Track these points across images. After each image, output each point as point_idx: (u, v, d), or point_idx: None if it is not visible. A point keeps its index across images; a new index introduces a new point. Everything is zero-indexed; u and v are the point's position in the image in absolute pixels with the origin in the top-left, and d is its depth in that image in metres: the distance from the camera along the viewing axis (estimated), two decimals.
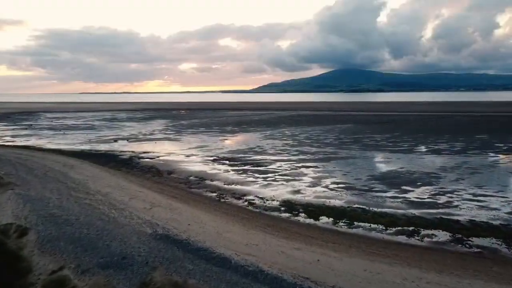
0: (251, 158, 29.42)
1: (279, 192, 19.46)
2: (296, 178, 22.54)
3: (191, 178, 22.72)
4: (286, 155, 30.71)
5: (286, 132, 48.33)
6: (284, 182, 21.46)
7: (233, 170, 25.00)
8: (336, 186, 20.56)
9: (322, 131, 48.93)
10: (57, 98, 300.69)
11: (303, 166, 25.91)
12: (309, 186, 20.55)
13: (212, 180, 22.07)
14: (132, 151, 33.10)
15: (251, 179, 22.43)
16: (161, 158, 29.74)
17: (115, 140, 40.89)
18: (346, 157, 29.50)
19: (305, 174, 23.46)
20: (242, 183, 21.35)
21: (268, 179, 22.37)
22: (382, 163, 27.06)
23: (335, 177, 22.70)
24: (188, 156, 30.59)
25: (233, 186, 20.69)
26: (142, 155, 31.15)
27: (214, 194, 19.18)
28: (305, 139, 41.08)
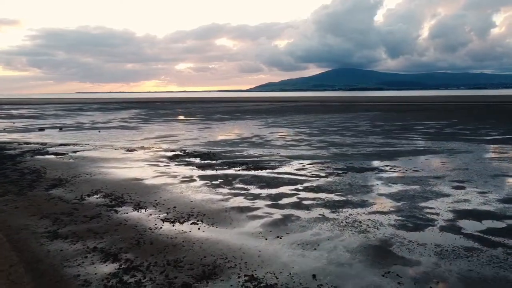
0: (244, 153, 15.96)
1: (328, 257, 5.94)
2: (355, 198, 9.07)
3: (92, 198, 9.17)
4: (306, 148, 17.25)
5: (296, 119, 34.82)
6: (330, 213, 7.98)
7: (202, 176, 11.49)
8: (482, 227, 7.13)
9: (345, 118, 35.46)
10: (50, 97, 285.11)
11: (352, 169, 12.45)
12: (414, 229, 7.09)
13: (138, 207, 8.52)
14: (44, 143, 19.61)
15: (239, 201, 8.94)
16: (78, 153, 16.20)
17: (41, 129, 27.42)
18: (418, 151, 16.08)
19: (371, 188, 10.01)
20: (214, 217, 7.83)
21: (282, 202, 8.89)
22: (506, 161, 13.61)
23: (448, 194, 9.24)
24: (130, 150, 17.03)
25: (186, 231, 7.14)
26: (53, 148, 17.64)
27: (106, 270, 5.59)
28: (326, 126, 27.57)
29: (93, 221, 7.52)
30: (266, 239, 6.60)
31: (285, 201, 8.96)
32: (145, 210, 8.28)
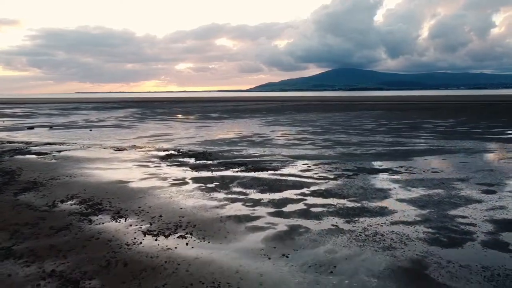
0: (243, 153, 14.67)
1: (349, 285, 4.65)
2: (371, 205, 7.79)
3: (66, 205, 7.88)
4: (311, 147, 15.97)
5: (297, 118, 33.55)
6: (345, 224, 6.70)
7: (196, 179, 10.20)
8: None
9: (348, 117, 34.20)
10: (47, 96, 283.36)
11: (362, 170, 11.17)
12: (450, 244, 5.80)
13: (118, 215, 7.23)
14: (28, 142, 18.35)
15: (237, 209, 7.66)
16: (63, 153, 14.92)
17: (31, 128, 26.17)
18: (433, 151, 14.81)
19: (388, 192, 8.72)
20: (206, 229, 6.54)
21: (287, 210, 7.61)
22: None
23: (479, 200, 7.96)
24: (120, 149, 15.74)
25: (171, 247, 5.84)
26: (37, 147, 16.37)
27: None
28: (330, 125, 26.31)
29: (59, 234, 6.23)
30: (269, 259, 5.31)
31: (290, 208, 7.68)
32: (125, 219, 6.99)
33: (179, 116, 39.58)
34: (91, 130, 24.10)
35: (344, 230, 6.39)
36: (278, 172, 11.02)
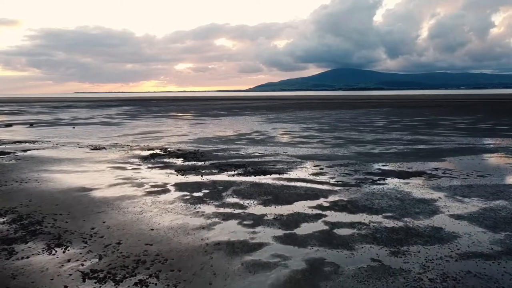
0: (241, 152, 12.42)
1: None
2: (418, 224, 5.53)
3: None
4: (320, 146, 13.73)
5: (300, 115, 31.30)
6: (390, 258, 4.45)
7: (180, 185, 7.96)
8: None
9: (355, 114, 31.97)
10: (44, 96, 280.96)
11: (389, 173, 8.94)
12: None
13: (56, 242, 4.98)
14: None
15: (230, 230, 5.41)
16: (28, 152, 12.68)
17: (8, 125, 23.99)
18: (465, 149, 12.60)
19: (434, 204, 6.47)
20: (182, 267, 4.29)
21: (301, 233, 5.35)
22: None
23: None
24: (97, 148, 13.49)
25: None
26: (2, 146, 14.13)
27: None
28: (337, 122, 24.08)
29: None
30: None
31: (305, 229, 5.44)
32: (65, 249, 4.74)
33: (174, 113, 37.36)
34: (74, 128, 21.86)
35: (393, 270, 4.15)
36: (284, 176, 8.79)
